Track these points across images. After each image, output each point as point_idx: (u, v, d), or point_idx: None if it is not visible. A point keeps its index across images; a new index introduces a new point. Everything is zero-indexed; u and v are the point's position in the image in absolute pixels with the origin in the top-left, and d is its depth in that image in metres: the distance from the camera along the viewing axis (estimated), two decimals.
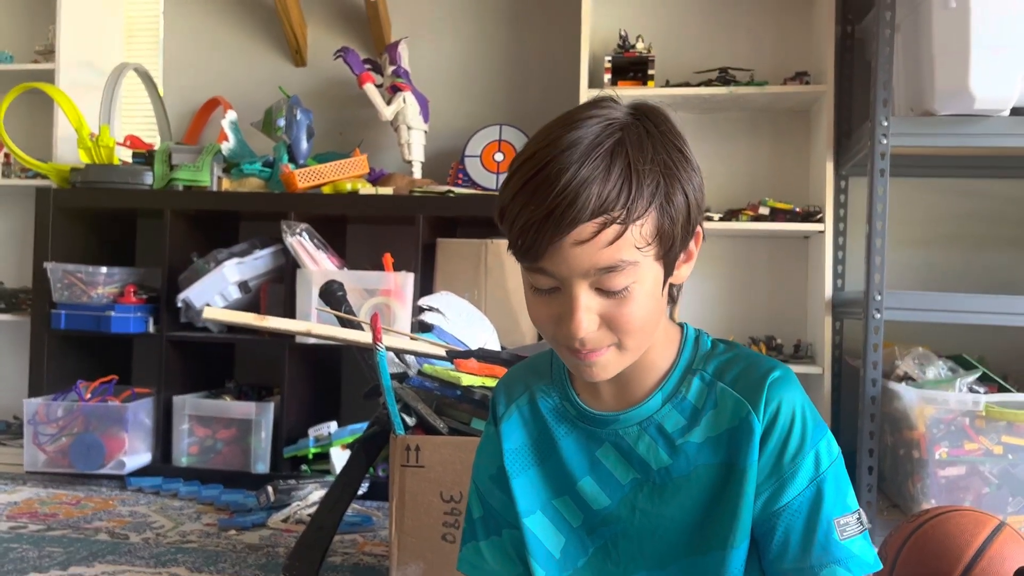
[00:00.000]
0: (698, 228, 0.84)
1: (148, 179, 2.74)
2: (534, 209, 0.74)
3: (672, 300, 0.88)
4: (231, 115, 2.84)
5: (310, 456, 2.59)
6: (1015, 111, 2.15)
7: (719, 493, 0.84)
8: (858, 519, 0.83)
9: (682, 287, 0.89)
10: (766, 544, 0.84)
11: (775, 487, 0.83)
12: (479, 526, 0.97)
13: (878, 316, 2.18)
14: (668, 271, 0.81)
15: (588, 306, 0.77)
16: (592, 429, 0.89)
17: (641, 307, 0.79)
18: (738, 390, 0.85)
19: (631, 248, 0.75)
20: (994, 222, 2.67)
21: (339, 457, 2.51)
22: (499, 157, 2.82)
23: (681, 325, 0.92)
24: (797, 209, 2.54)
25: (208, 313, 1.60)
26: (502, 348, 2.06)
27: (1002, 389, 2.22)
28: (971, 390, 2.18)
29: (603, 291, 0.77)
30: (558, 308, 0.79)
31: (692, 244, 0.84)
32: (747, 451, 0.83)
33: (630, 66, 2.62)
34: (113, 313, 2.65)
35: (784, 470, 0.83)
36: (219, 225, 2.93)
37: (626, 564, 0.88)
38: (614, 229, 0.74)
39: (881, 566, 0.82)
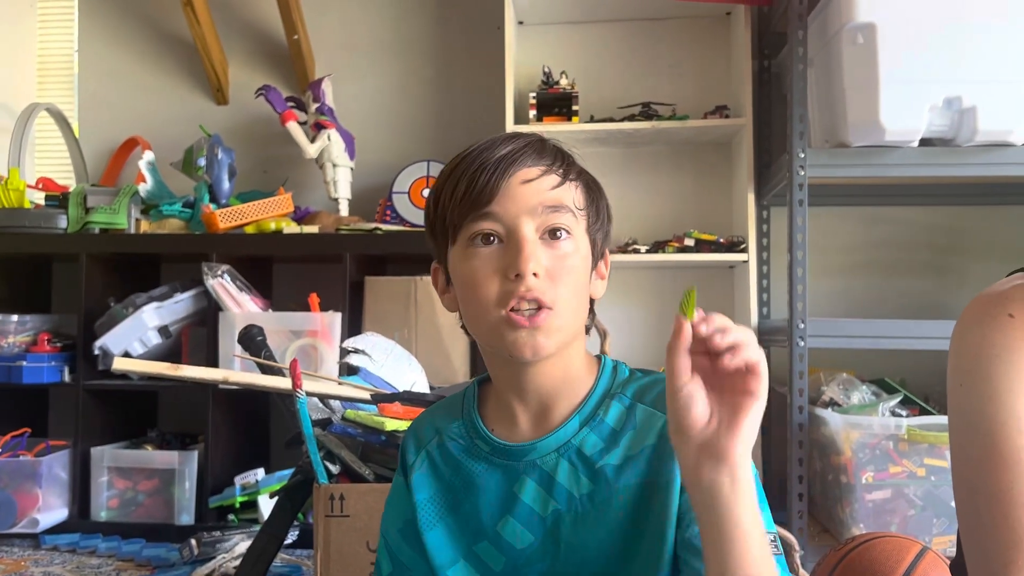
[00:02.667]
0: (607, 252, 0.92)
1: (62, 222, 2.64)
2: (484, 160, 0.83)
3: (591, 315, 0.91)
4: (148, 155, 2.77)
5: (237, 505, 2.51)
6: (923, 142, 2.23)
7: (644, 514, 0.82)
8: (772, 541, 0.79)
9: (594, 313, 0.92)
10: (688, 557, 0.80)
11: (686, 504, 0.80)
12: None
13: (802, 344, 2.21)
14: (594, 259, 0.88)
15: (535, 246, 0.81)
16: (508, 463, 0.87)
17: (577, 270, 0.83)
18: (659, 408, 0.85)
19: (570, 200, 0.84)
20: (909, 248, 2.76)
21: (267, 505, 2.43)
22: (427, 193, 2.79)
23: (599, 356, 0.92)
24: (721, 240, 2.58)
25: (119, 364, 1.54)
26: (431, 388, 2.03)
27: (923, 411, 2.27)
28: (894, 413, 2.23)
29: (545, 240, 0.82)
30: (503, 260, 0.81)
31: (603, 264, 0.91)
32: (670, 466, 0.81)
33: (554, 102, 2.65)
34: (25, 363, 2.54)
35: None
36: (138, 268, 2.84)
37: None
38: (555, 177, 0.83)
39: None
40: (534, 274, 0.79)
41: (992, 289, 0.88)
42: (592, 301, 0.90)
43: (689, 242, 2.58)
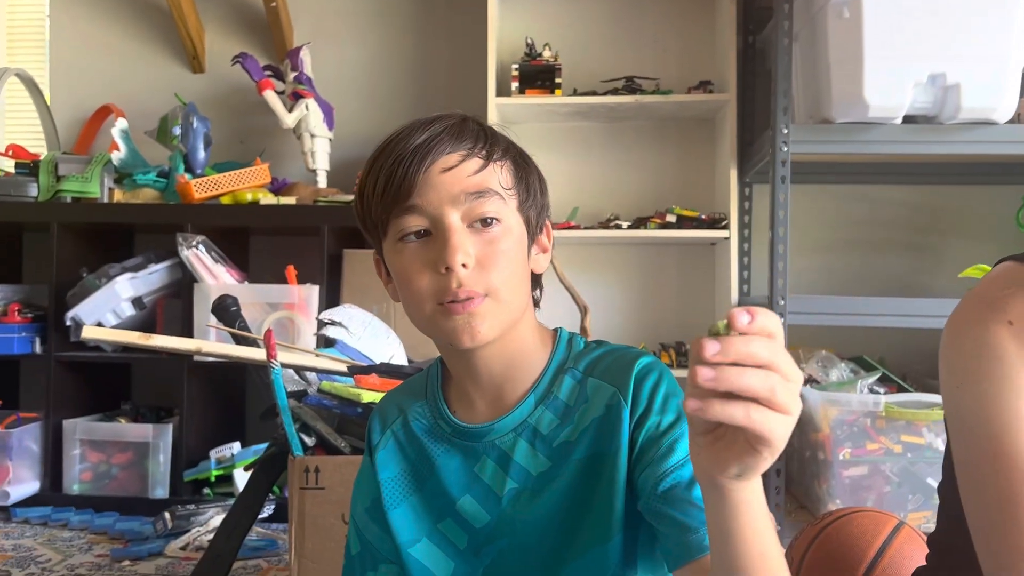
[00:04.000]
0: (548, 222, 0.89)
1: (33, 191, 2.59)
2: (400, 152, 0.79)
3: (537, 289, 0.90)
4: (121, 123, 2.71)
5: (212, 479, 2.48)
6: (907, 119, 2.22)
7: (592, 485, 0.81)
8: None
9: (541, 286, 0.91)
10: (656, 523, 0.76)
11: (655, 461, 0.77)
12: (356, 563, 0.93)
13: (782, 320, 2.20)
14: (530, 236, 0.85)
15: (461, 236, 0.78)
16: (468, 444, 0.86)
17: (511, 253, 0.80)
18: (607, 379, 0.84)
19: (496, 183, 0.81)
20: (890, 227, 2.76)
21: (242, 479, 2.41)
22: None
23: (555, 330, 0.91)
24: (703, 216, 2.57)
25: (88, 333, 1.50)
26: (409, 361, 2.01)
27: (901, 389, 2.28)
28: (872, 391, 2.23)
29: (474, 228, 0.79)
30: (431, 252, 0.79)
31: (545, 236, 0.89)
32: (616, 437, 0.80)
33: (537, 74, 2.61)
34: None
35: (661, 445, 0.78)
36: (111, 239, 2.79)
37: None
38: (476, 161, 0.80)
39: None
40: (463, 265, 0.77)
41: (987, 290, 0.86)
42: (539, 276, 0.89)
43: (671, 218, 2.57)
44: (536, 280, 0.89)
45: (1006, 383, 0.79)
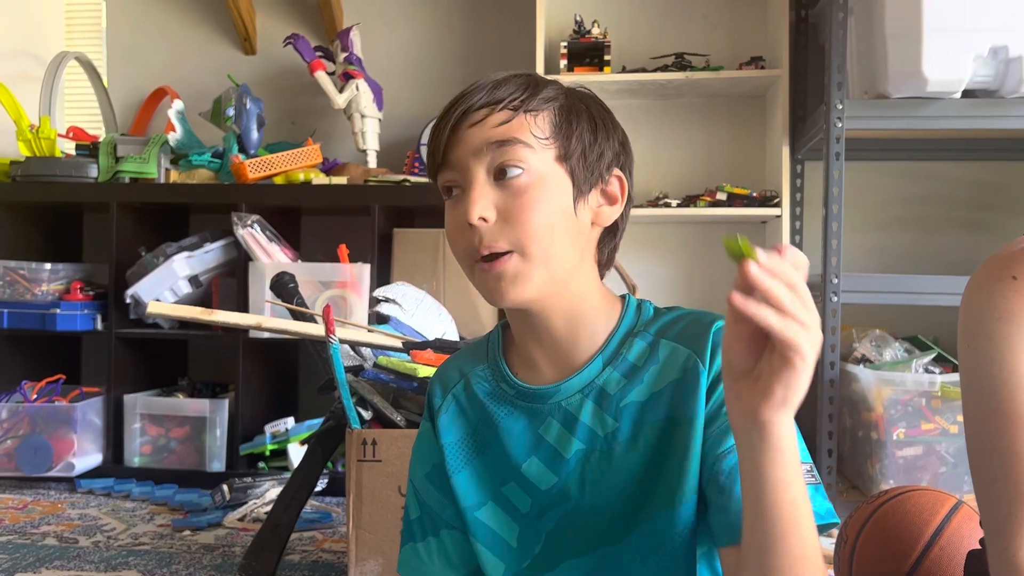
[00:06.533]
0: (618, 172, 0.85)
1: (93, 172, 2.65)
2: (444, 112, 0.81)
3: (609, 251, 0.88)
4: (178, 104, 2.76)
5: (267, 453, 2.54)
6: (966, 93, 2.16)
7: (665, 450, 0.80)
8: (809, 471, 0.77)
9: (616, 246, 0.89)
10: (714, 495, 0.78)
11: (722, 432, 0.78)
12: (416, 527, 0.93)
13: (835, 299, 2.18)
14: (578, 187, 0.81)
15: (483, 189, 0.78)
16: (533, 406, 0.86)
17: (541, 206, 0.78)
18: (682, 342, 0.83)
19: (525, 131, 0.78)
20: (947, 204, 2.70)
21: (296, 453, 2.46)
22: None
23: (623, 296, 0.90)
24: (754, 194, 2.54)
25: (153, 308, 1.54)
26: (461, 338, 2.03)
27: (956, 369, 2.23)
28: (927, 371, 2.20)
29: (500, 182, 0.78)
30: (460, 209, 0.79)
31: (615, 186, 0.85)
32: (693, 401, 0.80)
33: (586, 52, 2.60)
34: (59, 311, 2.57)
35: (725, 418, 0.78)
36: (168, 218, 2.85)
37: (581, 543, 0.84)
38: (505, 113, 0.79)
39: (838, 520, 0.78)
40: (483, 219, 0.77)
41: (1002, 251, 0.88)
42: (613, 230, 0.87)
43: (721, 196, 2.55)
44: (607, 235, 0.87)
45: (1007, 342, 0.83)
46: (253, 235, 2.47)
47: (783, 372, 0.62)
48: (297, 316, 1.78)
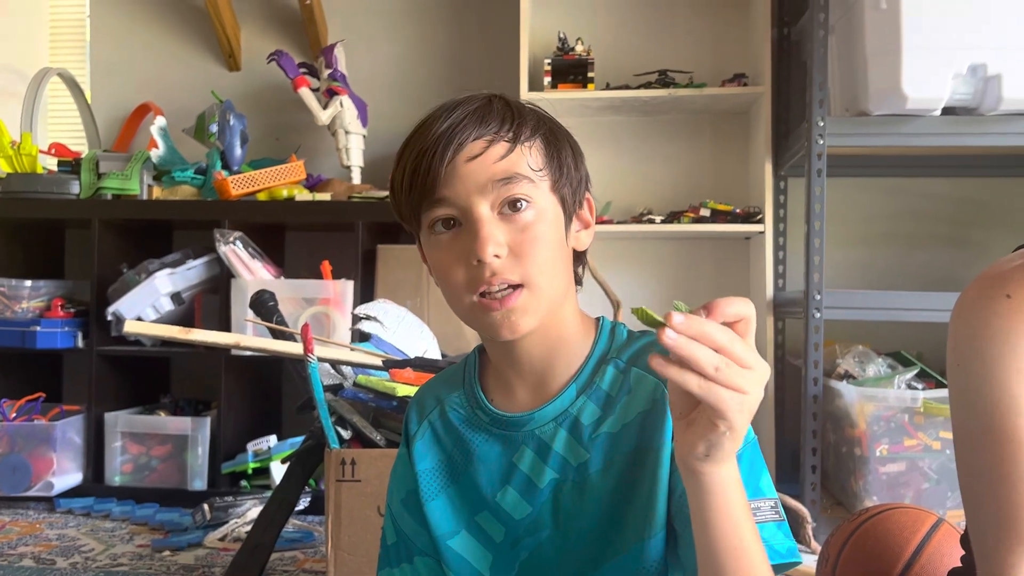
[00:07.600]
0: (588, 195, 0.86)
1: (75, 188, 2.64)
2: (424, 143, 0.78)
3: (581, 267, 0.88)
4: (160, 121, 2.75)
5: (249, 471, 2.52)
6: (946, 111, 2.18)
7: (635, 480, 0.80)
8: (773, 507, 0.78)
9: (585, 265, 0.90)
10: (681, 528, 0.77)
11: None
12: (392, 552, 0.92)
13: (818, 315, 2.19)
14: (567, 215, 0.82)
15: (491, 226, 0.76)
16: (507, 434, 0.85)
17: (545, 238, 0.78)
18: (651, 371, 0.82)
19: (524, 166, 0.78)
20: (928, 220, 2.72)
21: (279, 472, 2.44)
22: None
23: (597, 319, 0.89)
24: (737, 210, 2.55)
25: (130, 327, 1.53)
26: (443, 355, 2.02)
27: (939, 385, 2.25)
28: (909, 387, 2.20)
29: (504, 216, 0.77)
30: (462, 244, 0.77)
31: (586, 210, 0.86)
32: (660, 432, 0.79)
33: (569, 69, 2.61)
34: (39, 328, 2.54)
35: None
36: (150, 235, 2.84)
37: (555, 574, 0.83)
38: (503, 146, 0.78)
39: (799, 559, 0.77)
40: (496, 256, 0.76)
41: (993, 268, 0.86)
42: (583, 253, 0.88)
43: (705, 212, 2.55)
44: (579, 257, 0.87)
45: (1000, 362, 0.80)
46: (235, 252, 2.46)
47: (707, 432, 0.61)
48: (277, 335, 1.77)
